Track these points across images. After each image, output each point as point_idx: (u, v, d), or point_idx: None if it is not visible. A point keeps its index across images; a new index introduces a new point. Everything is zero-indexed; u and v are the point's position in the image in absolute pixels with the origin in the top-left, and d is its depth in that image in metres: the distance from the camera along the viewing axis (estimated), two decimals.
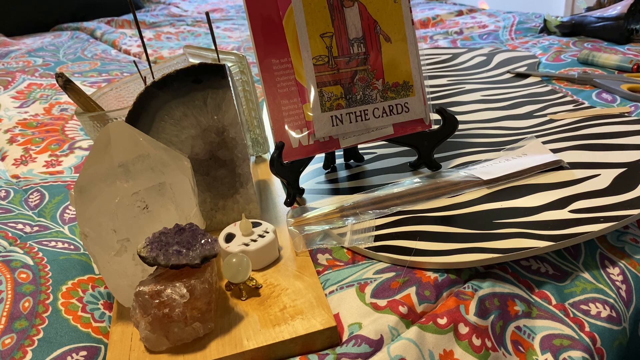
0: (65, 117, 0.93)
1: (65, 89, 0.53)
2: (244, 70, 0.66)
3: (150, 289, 0.39)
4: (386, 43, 0.59)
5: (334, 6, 0.56)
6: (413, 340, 0.40)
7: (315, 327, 0.40)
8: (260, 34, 0.55)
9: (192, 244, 0.40)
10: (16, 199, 0.65)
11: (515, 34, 1.25)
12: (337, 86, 0.57)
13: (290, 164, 0.57)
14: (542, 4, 2.20)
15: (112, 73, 1.22)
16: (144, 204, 0.43)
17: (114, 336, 0.42)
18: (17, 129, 0.88)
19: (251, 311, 0.43)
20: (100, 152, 0.43)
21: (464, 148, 0.68)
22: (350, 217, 0.54)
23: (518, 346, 0.43)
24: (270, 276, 0.47)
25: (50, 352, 0.41)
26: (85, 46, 1.53)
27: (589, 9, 1.27)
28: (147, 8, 2.09)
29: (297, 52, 0.56)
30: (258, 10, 0.54)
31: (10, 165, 0.76)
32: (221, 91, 0.51)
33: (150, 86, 0.49)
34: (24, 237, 0.56)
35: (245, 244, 0.48)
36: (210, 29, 0.56)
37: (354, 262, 0.49)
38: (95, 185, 0.42)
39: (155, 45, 1.49)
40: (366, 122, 0.58)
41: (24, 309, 0.44)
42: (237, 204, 0.55)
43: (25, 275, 0.48)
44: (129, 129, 0.44)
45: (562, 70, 0.95)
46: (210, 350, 0.39)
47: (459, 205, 0.55)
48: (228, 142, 0.52)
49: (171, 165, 0.45)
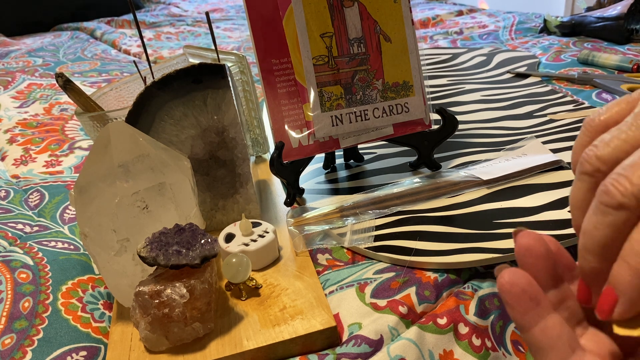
0: (65, 117, 0.93)
1: (65, 89, 0.53)
2: (244, 70, 0.66)
3: (150, 289, 0.39)
4: (386, 43, 0.59)
5: (334, 6, 0.56)
6: (413, 340, 0.40)
7: (315, 327, 0.40)
8: (260, 34, 0.55)
9: (192, 244, 0.40)
10: (16, 199, 0.65)
11: (515, 34, 1.25)
12: (337, 86, 0.57)
13: (290, 164, 0.57)
14: (542, 4, 2.20)
15: (112, 73, 1.22)
16: (144, 204, 0.43)
17: (113, 336, 0.42)
18: (17, 129, 0.88)
19: (251, 311, 0.43)
20: (100, 152, 0.43)
21: (464, 148, 0.68)
22: (350, 217, 0.54)
23: (518, 346, 0.43)
24: (270, 276, 0.47)
25: (50, 352, 0.41)
26: (85, 46, 1.53)
27: (589, 9, 1.27)
28: (147, 8, 2.09)
29: (297, 52, 0.56)
30: (258, 10, 0.54)
31: (10, 165, 0.76)
32: (221, 91, 0.51)
33: (150, 86, 0.49)
34: (24, 237, 0.56)
35: (245, 244, 0.48)
36: (210, 29, 0.56)
37: (354, 262, 0.49)
38: (95, 185, 0.42)
39: (155, 45, 1.49)
40: (366, 122, 0.58)
41: (23, 309, 0.44)
42: (237, 204, 0.55)
43: (25, 275, 0.48)
44: (129, 129, 0.44)
45: (562, 70, 0.95)
46: (210, 351, 0.39)
47: (459, 205, 0.54)
48: (228, 142, 0.52)
49: (171, 165, 0.45)
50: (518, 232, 0.24)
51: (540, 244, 0.23)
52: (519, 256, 0.24)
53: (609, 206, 0.21)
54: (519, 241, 0.24)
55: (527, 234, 0.24)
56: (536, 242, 0.23)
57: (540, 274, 0.24)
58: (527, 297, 0.23)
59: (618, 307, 0.22)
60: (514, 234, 0.24)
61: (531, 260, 0.23)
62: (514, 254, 0.24)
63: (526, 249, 0.23)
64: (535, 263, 0.24)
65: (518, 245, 0.24)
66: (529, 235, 0.24)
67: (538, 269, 0.24)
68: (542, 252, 0.23)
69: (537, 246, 0.23)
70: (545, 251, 0.24)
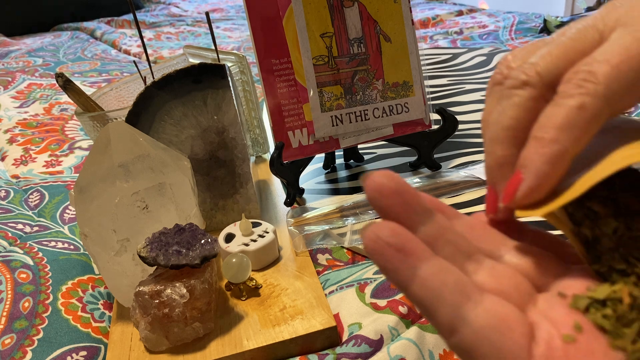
0: (65, 117, 0.93)
1: (65, 89, 0.53)
2: (244, 70, 0.66)
3: (150, 289, 0.39)
4: (386, 43, 0.59)
5: (334, 6, 0.56)
6: (413, 340, 0.40)
7: (315, 327, 0.40)
8: (260, 34, 0.55)
9: (192, 244, 0.40)
10: (16, 199, 0.65)
11: (515, 34, 1.25)
12: (337, 86, 0.57)
13: (290, 164, 0.57)
14: (542, 4, 2.20)
15: (112, 73, 1.22)
16: (144, 204, 0.43)
17: (113, 336, 0.42)
18: (17, 129, 0.88)
19: (251, 311, 0.43)
20: (100, 152, 0.43)
21: (464, 148, 0.68)
22: (350, 217, 0.54)
23: None
24: (270, 276, 0.47)
25: (50, 352, 0.41)
26: (85, 46, 1.53)
27: (589, 9, 1.27)
28: (147, 8, 2.09)
29: (297, 52, 0.56)
30: (258, 10, 0.54)
31: (10, 165, 0.76)
32: (221, 91, 0.51)
33: (150, 86, 0.49)
34: (24, 237, 0.56)
35: (245, 244, 0.48)
36: (210, 29, 0.56)
37: (354, 262, 0.49)
38: (95, 185, 0.42)
39: (155, 45, 1.49)
40: (366, 122, 0.58)
41: (23, 309, 0.44)
42: (237, 204, 0.55)
43: (25, 275, 0.48)
44: (129, 129, 0.44)
45: None
46: (210, 351, 0.39)
47: (459, 205, 0.54)
48: (228, 142, 0.52)
49: (171, 166, 0.45)
50: (366, 177, 0.20)
51: (389, 178, 0.19)
52: (372, 201, 0.19)
53: (514, 87, 0.21)
54: (367, 185, 0.19)
55: (373, 175, 0.19)
56: (385, 177, 0.19)
57: (402, 212, 0.19)
58: (393, 250, 0.18)
59: (523, 185, 0.20)
60: (362, 181, 0.20)
61: (386, 201, 0.19)
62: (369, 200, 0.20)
63: (375, 190, 0.19)
64: (392, 202, 0.19)
65: (367, 190, 0.19)
66: (376, 176, 0.19)
67: (397, 208, 0.19)
68: (395, 187, 0.19)
69: (387, 182, 0.19)
70: (397, 184, 0.19)
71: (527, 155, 0.20)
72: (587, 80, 0.19)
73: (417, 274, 0.18)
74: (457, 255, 0.20)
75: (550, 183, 0.20)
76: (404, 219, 0.19)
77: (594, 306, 0.19)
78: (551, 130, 0.20)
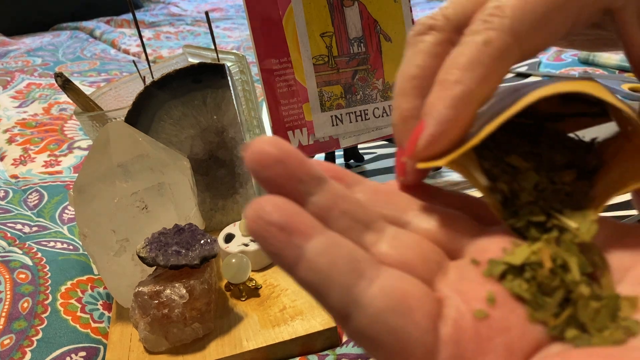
0: (64, 117, 0.93)
1: (64, 89, 0.53)
2: (243, 70, 0.66)
3: (149, 290, 0.38)
4: (386, 42, 0.59)
5: (334, 6, 0.56)
6: None
7: (315, 328, 0.40)
8: (260, 33, 0.55)
9: (192, 244, 0.40)
10: (15, 199, 0.65)
11: None
12: (337, 86, 0.57)
13: None
14: None
15: (111, 73, 1.22)
16: (143, 204, 0.43)
17: (113, 337, 0.42)
18: (16, 129, 0.88)
19: (251, 312, 0.43)
20: (99, 152, 0.43)
21: None
22: None
23: None
24: (270, 276, 0.47)
25: (49, 353, 0.40)
26: (85, 46, 1.53)
27: None
28: (146, 7, 2.09)
29: (296, 51, 0.56)
30: (258, 10, 0.54)
31: (9, 165, 0.76)
32: (221, 91, 0.51)
33: (149, 86, 0.49)
34: (23, 237, 0.56)
35: (244, 244, 0.48)
36: (210, 28, 0.56)
37: None
38: (94, 185, 0.42)
39: (154, 44, 1.49)
40: (366, 121, 0.58)
41: (22, 310, 0.44)
42: (236, 204, 0.55)
43: (24, 276, 0.48)
44: (128, 128, 0.44)
45: (563, 70, 0.95)
46: (209, 351, 0.39)
47: None
48: (227, 142, 0.52)
49: (170, 165, 0.45)
50: (245, 147, 0.17)
51: (271, 145, 0.16)
52: (253, 172, 0.16)
53: (420, 34, 0.20)
54: (247, 156, 0.16)
55: (253, 143, 0.17)
56: (266, 144, 0.16)
57: (286, 183, 0.16)
58: (276, 229, 0.15)
59: (424, 133, 0.18)
60: (242, 151, 0.17)
61: (268, 172, 0.16)
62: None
63: (254, 160, 0.16)
64: (274, 172, 0.16)
65: (246, 161, 0.16)
66: (256, 143, 0.16)
67: (281, 179, 0.16)
68: (277, 154, 0.16)
69: (269, 149, 0.16)
70: (280, 151, 0.16)
71: (430, 100, 0.19)
72: (493, 14, 0.18)
73: (303, 254, 0.15)
74: (354, 227, 0.17)
75: (455, 129, 0.18)
76: (290, 191, 0.16)
77: (511, 272, 0.16)
78: (455, 71, 0.18)
